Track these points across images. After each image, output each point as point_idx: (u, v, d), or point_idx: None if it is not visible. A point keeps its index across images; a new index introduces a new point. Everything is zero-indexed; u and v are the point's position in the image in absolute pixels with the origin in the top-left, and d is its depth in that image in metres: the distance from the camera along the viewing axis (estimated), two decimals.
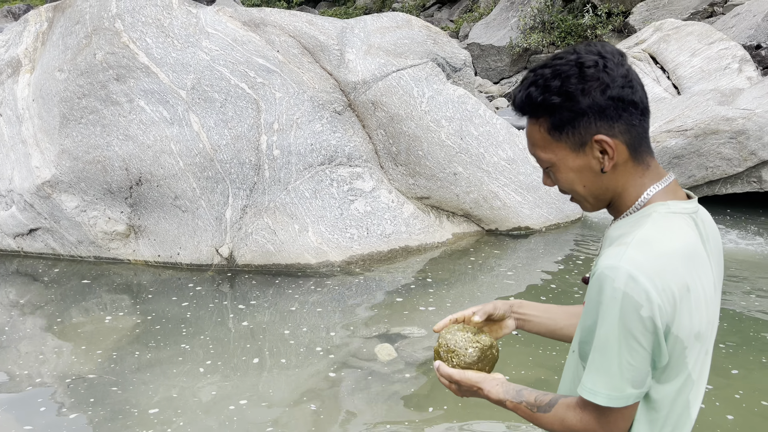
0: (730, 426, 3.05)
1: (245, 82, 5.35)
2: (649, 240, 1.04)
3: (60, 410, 3.28)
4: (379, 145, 6.02)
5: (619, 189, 1.13)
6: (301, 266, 5.17)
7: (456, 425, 3.08)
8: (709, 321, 1.10)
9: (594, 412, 1.10)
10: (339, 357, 3.80)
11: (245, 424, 3.12)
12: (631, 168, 1.12)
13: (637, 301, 1.00)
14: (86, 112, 5.21)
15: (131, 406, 3.29)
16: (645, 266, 1.01)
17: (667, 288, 1.01)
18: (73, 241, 5.39)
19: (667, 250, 1.03)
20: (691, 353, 1.07)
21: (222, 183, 5.20)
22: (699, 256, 1.07)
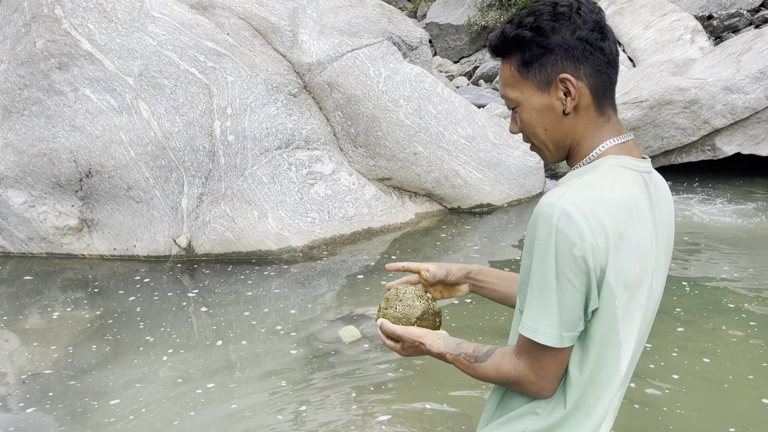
0: (675, 384, 3.11)
1: (195, 66, 5.20)
2: (590, 184, 1.05)
3: (15, 405, 3.17)
4: (337, 127, 5.94)
5: (578, 137, 1.14)
6: (262, 253, 5.10)
7: (421, 404, 3.07)
8: (642, 275, 1.09)
9: (529, 356, 1.09)
10: (304, 340, 3.76)
11: (211, 408, 3.06)
12: (592, 116, 1.13)
13: (570, 239, 1.00)
14: (29, 103, 5.00)
15: (91, 398, 3.21)
16: (581, 206, 1.01)
17: (601, 230, 1.01)
18: (23, 238, 5.20)
19: (605, 196, 1.04)
20: (620, 303, 1.06)
21: (176, 171, 5.07)
22: (639, 211, 1.07)
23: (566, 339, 1.05)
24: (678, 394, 3.05)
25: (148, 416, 3.04)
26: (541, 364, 1.08)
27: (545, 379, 1.09)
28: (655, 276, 1.14)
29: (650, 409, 2.93)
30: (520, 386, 1.12)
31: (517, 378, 1.11)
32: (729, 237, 5.44)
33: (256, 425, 2.93)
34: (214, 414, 3.03)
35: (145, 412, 3.07)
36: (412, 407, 3.04)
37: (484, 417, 1.28)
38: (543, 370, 1.08)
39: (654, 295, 1.16)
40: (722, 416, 2.87)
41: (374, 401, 3.10)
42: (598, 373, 1.11)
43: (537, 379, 1.09)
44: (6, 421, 3.05)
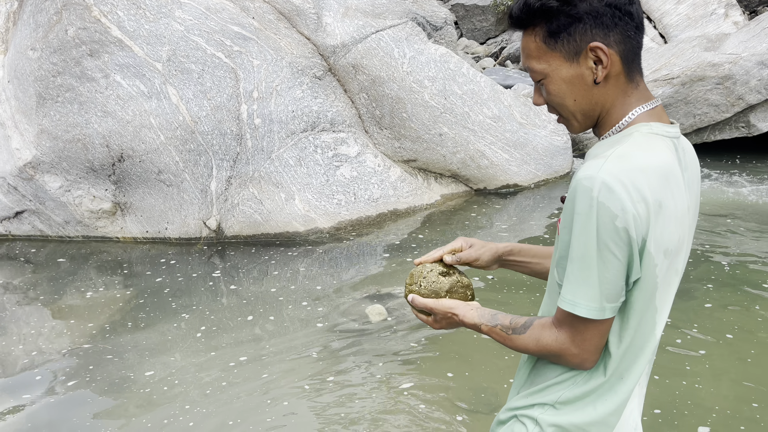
0: (701, 359, 3.09)
1: (222, 51, 5.26)
2: (627, 154, 1.04)
3: (56, 378, 3.32)
4: (362, 109, 5.96)
5: (607, 105, 1.12)
6: (289, 234, 5.17)
7: (446, 379, 3.11)
8: (680, 242, 1.10)
9: (570, 329, 1.09)
10: (331, 319, 3.83)
11: (243, 378, 3.15)
12: (622, 83, 1.11)
13: (612, 211, 1.00)
14: (62, 90, 5.14)
15: (127, 371, 3.34)
16: (621, 177, 1.00)
17: (642, 199, 1.01)
18: (60, 222, 5.37)
19: (643, 165, 1.03)
20: (660, 270, 1.07)
21: (205, 155, 5.16)
22: (675, 177, 1.07)
23: (608, 310, 1.06)
24: (701, 369, 3.03)
25: (182, 386, 3.15)
26: (583, 336, 1.08)
27: (587, 351, 1.09)
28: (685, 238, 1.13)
29: (671, 381, 2.92)
30: (562, 358, 1.12)
31: (559, 350, 1.11)
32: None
33: (284, 393, 3.00)
34: (245, 384, 3.12)
35: (179, 383, 3.19)
36: (436, 381, 3.08)
37: (515, 385, 1.29)
38: (585, 342, 1.08)
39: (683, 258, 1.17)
40: (745, 392, 2.85)
41: (399, 373, 3.15)
42: (635, 339, 1.12)
43: (579, 351, 1.09)
44: (48, 393, 3.19)
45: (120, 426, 2.88)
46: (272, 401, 2.98)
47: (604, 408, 1.14)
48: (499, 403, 2.91)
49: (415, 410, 2.88)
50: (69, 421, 2.94)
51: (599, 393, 1.14)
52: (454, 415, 2.84)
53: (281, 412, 2.89)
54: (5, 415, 3.01)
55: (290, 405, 2.96)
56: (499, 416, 1.29)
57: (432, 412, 2.86)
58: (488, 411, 2.91)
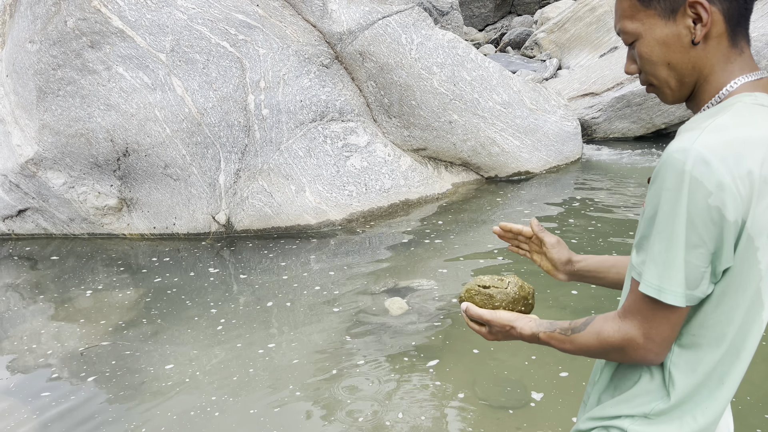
0: None
1: (226, 40, 5.11)
2: (726, 125, 0.92)
3: (76, 376, 3.23)
4: (370, 97, 5.83)
5: (705, 71, 1.00)
6: (301, 227, 5.05)
7: (474, 375, 3.02)
8: None
9: (639, 316, 0.99)
10: (351, 313, 3.73)
11: (265, 371, 3.05)
12: (724, 47, 0.99)
13: (706, 188, 0.89)
14: (63, 83, 4.98)
15: (147, 365, 3.28)
16: (720, 150, 0.89)
17: (745, 175, 0.89)
18: (65, 219, 5.23)
19: (746, 137, 0.91)
20: (764, 256, 0.94)
21: (212, 147, 5.02)
22: None
23: (682, 297, 0.94)
24: None
25: (204, 378, 3.09)
26: (652, 325, 0.97)
27: (654, 342, 0.98)
28: None
29: None
30: (625, 351, 1.01)
31: (622, 341, 1.01)
32: None
33: (308, 385, 2.91)
34: (269, 376, 3.02)
35: (201, 375, 3.12)
36: (461, 377, 2.98)
37: (595, 389, 1.18)
38: (653, 331, 0.98)
39: None
40: None
41: (423, 369, 3.06)
42: (736, 339, 0.99)
43: (645, 341, 0.99)
44: (68, 390, 3.10)
45: (145, 420, 2.81)
46: (297, 393, 2.89)
47: (705, 418, 1.02)
48: (526, 399, 2.82)
49: (442, 406, 2.79)
50: (91, 417, 2.85)
51: (698, 401, 1.02)
52: (480, 411, 2.75)
53: (306, 405, 2.80)
54: (24, 414, 2.91)
55: (316, 397, 2.86)
56: (579, 426, 1.18)
57: (458, 409, 2.77)
58: (515, 407, 2.82)
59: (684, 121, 7.79)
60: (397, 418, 2.72)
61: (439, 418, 2.72)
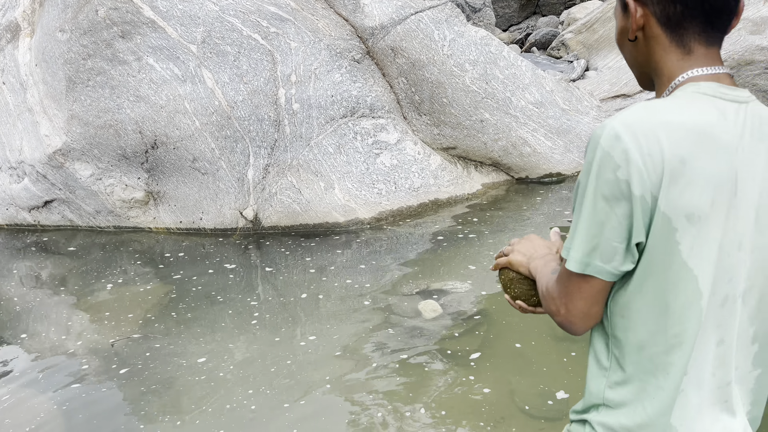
0: None
1: (258, 32, 5.02)
2: (653, 106, 0.93)
3: (108, 367, 3.18)
4: (401, 94, 5.71)
5: (652, 66, 1.04)
6: (329, 225, 4.95)
7: (511, 383, 2.89)
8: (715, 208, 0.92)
9: (559, 283, 1.02)
10: (382, 316, 3.62)
11: (298, 369, 2.96)
12: (666, 46, 1.01)
13: (615, 161, 0.90)
14: (93, 73, 4.92)
15: (179, 358, 3.24)
16: (634, 126, 0.90)
17: (655, 153, 0.89)
18: (91, 212, 5.18)
19: (668, 119, 0.91)
20: (684, 238, 0.91)
21: (241, 142, 4.94)
22: (715, 140, 0.92)
23: (592, 268, 0.94)
24: None
25: (238, 371, 3.03)
26: (568, 293, 0.99)
27: (571, 313, 0.99)
28: (759, 223, 0.96)
29: None
30: (552, 314, 1.04)
31: (548, 300, 1.04)
32: None
33: (341, 387, 2.80)
34: (303, 372, 2.92)
35: (234, 368, 3.06)
36: (499, 385, 2.86)
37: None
38: (569, 301, 0.99)
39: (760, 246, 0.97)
40: None
41: (461, 375, 2.94)
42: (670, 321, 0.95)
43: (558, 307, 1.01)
44: (98, 382, 3.04)
45: (178, 412, 2.74)
46: (332, 388, 2.78)
47: (653, 408, 0.98)
48: (568, 408, 2.70)
49: (480, 413, 2.67)
50: (122, 409, 2.79)
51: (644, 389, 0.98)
52: (520, 420, 2.63)
53: (340, 401, 2.70)
54: (54, 405, 2.84)
55: (350, 395, 2.76)
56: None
57: (497, 418, 2.65)
58: (556, 417, 2.70)
59: None
60: (440, 427, 2.61)
61: (483, 426, 2.60)
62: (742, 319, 0.98)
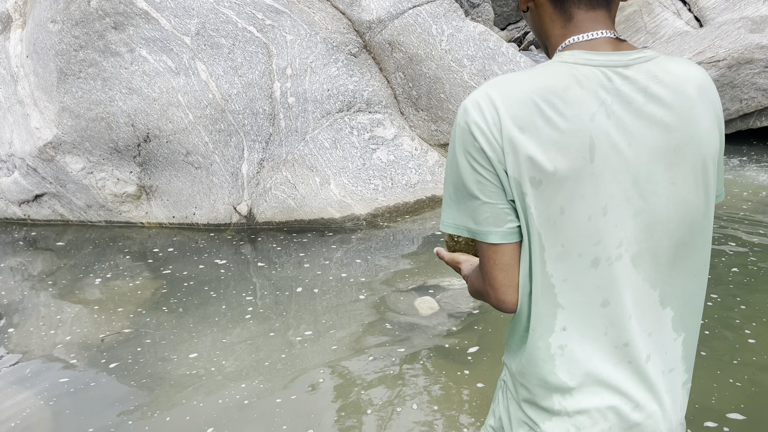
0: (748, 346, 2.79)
1: (253, 24, 4.94)
2: (504, 78, 0.96)
3: (97, 362, 3.10)
4: (398, 89, 5.64)
5: (544, 36, 1.05)
6: (324, 221, 4.88)
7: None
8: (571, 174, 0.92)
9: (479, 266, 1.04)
10: (379, 313, 3.54)
11: (296, 360, 2.88)
12: (550, 14, 1.02)
13: (470, 132, 0.95)
14: (85, 65, 4.83)
15: (170, 352, 3.18)
16: (480, 98, 0.94)
17: (495, 122, 0.93)
18: (82, 206, 5.09)
19: (513, 89, 0.94)
20: (533, 201, 0.93)
21: (236, 135, 4.86)
22: (561, 107, 0.92)
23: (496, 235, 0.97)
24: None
25: (230, 366, 2.96)
26: (485, 265, 1.01)
27: (491, 286, 1.01)
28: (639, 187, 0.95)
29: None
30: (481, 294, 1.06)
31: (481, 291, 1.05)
32: None
33: (336, 386, 2.73)
34: (297, 367, 2.85)
35: (227, 363, 2.98)
36: (498, 375, 2.79)
37: None
38: (488, 273, 1.00)
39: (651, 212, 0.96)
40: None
41: (459, 373, 2.87)
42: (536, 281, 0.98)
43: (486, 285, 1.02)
44: (87, 377, 2.96)
45: (169, 407, 2.66)
46: (324, 388, 2.71)
47: (527, 359, 1.03)
48: None
49: (476, 408, 2.60)
50: (111, 405, 2.71)
51: (523, 340, 1.04)
52: None
53: (333, 397, 2.62)
54: (40, 400, 2.76)
55: (343, 392, 2.68)
56: None
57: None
58: None
59: (732, 119, 7.52)
60: (439, 425, 2.54)
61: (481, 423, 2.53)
62: (634, 281, 0.97)
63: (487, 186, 0.95)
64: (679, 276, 1.00)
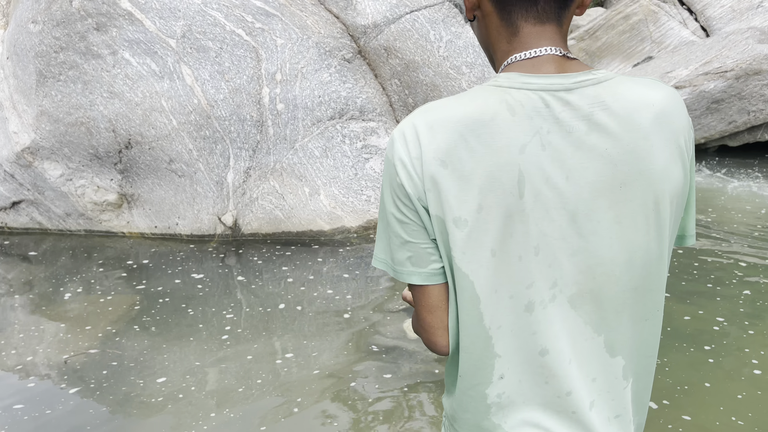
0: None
1: (242, 27, 4.74)
2: (432, 106, 0.89)
3: (58, 386, 2.87)
4: (393, 96, 5.43)
5: (491, 50, 0.96)
6: (313, 233, 4.65)
7: None
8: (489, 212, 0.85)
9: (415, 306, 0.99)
10: (365, 333, 3.31)
11: (262, 393, 2.65)
12: (497, 26, 0.93)
13: (394, 166, 0.89)
14: (65, 67, 4.63)
15: (137, 377, 2.95)
16: (406, 130, 0.88)
17: (417, 156, 0.86)
18: (61, 214, 4.87)
19: (437, 119, 0.86)
20: (455, 242, 0.86)
21: (221, 143, 4.64)
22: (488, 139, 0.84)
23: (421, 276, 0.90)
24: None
25: (202, 392, 2.72)
26: (416, 310, 0.95)
27: (421, 326, 0.95)
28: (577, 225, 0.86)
29: None
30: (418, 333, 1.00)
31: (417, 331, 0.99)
32: None
33: (316, 414, 2.50)
34: (266, 398, 2.61)
35: (196, 389, 2.75)
36: None
37: None
38: (420, 318, 0.95)
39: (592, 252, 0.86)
40: None
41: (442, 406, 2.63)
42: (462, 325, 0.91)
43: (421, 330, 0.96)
44: (45, 402, 2.73)
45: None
46: (303, 413, 2.48)
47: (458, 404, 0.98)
48: None
49: None
50: None
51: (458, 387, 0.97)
52: None
53: (313, 429, 2.39)
54: None
55: (325, 422, 2.45)
56: None
57: None
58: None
59: (725, 136, 7.31)
60: None
61: None
62: (573, 325, 0.89)
63: (409, 224, 0.89)
64: (629, 322, 0.90)
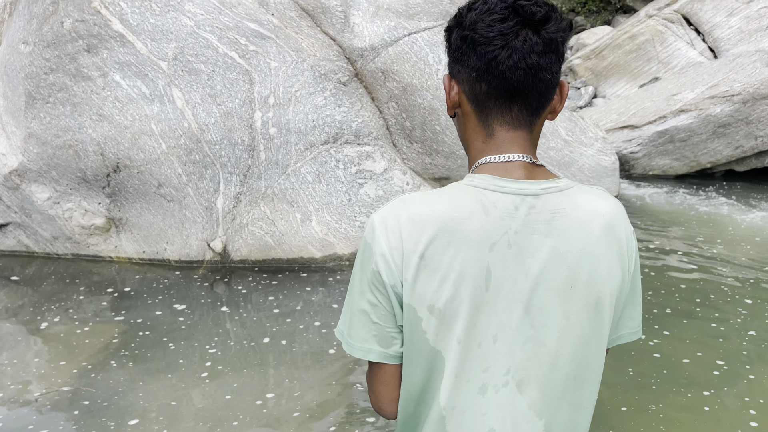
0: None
1: (235, 50, 4.66)
2: (411, 199, 0.95)
3: (24, 428, 2.74)
4: (390, 120, 5.32)
5: (468, 146, 1.03)
6: (304, 261, 4.53)
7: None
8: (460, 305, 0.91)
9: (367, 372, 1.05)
10: (350, 371, 3.17)
11: (254, 427, 2.51)
12: (474, 126, 1.00)
13: (372, 252, 0.94)
14: (54, 89, 4.55)
15: (108, 419, 2.80)
16: (387, 219, 0.94)
17: (397, 247, 0.92)
18: (48, 237, 4.78)
19: (417, 213, 0.93)
20: (428, 327, 0.93)
21: (211, 167, 4.54)
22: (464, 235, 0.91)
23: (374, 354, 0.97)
24: None
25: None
26: (369, 379, 1.03)
27: (375, 396, 1.02)
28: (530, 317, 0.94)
29: None
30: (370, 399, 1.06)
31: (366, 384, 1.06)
32: None
33: None
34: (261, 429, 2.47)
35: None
36: None
37: None
38: (371, 387, 1.03)
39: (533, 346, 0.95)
40: None
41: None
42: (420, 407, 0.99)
43: (372, 397, 1.03)
44: None
45: None
46: None
47: None
48: None
49: None
50: None
51: None
52: None
53: None
54: None
55: None
56: None
57: None
58: None
59: (732, 161, 7.16)
60: None
61: None
62: (518, 408, 0.95)
63: (378, 308, 0.95)
64: (568, 409, 0.97)
